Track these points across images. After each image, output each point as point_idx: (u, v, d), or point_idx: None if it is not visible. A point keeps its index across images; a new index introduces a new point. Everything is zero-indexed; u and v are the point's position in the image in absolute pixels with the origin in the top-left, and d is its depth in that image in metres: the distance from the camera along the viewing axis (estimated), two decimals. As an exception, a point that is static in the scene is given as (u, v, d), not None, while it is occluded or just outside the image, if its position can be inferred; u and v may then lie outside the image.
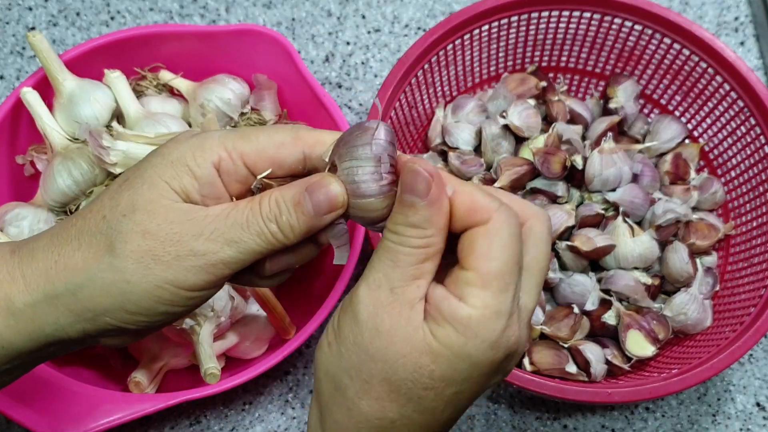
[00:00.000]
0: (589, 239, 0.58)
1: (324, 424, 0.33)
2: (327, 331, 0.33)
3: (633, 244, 0.58)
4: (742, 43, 0.76)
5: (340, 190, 0.32)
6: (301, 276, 0.62)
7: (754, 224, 0.61)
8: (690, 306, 0.58)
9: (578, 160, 0.60)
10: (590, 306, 0.58)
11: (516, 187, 0.61)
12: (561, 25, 0.65)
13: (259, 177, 0.34)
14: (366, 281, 0.31)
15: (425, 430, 0.31)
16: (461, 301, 0.30)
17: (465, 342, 0.30)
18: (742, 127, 0.61)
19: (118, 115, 0.60)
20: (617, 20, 0.63)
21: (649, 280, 0.59)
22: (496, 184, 0.60)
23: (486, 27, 0.63)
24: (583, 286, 0.58)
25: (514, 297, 0.30)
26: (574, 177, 0.61)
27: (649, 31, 0.63)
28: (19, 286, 0.33)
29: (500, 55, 0.67)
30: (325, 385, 0.32)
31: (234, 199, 0.34)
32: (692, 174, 0.65)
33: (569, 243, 0.58)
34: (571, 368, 0.57)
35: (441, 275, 0.31)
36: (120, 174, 0.34)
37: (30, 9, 0.75)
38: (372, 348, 0.30)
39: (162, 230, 0.32)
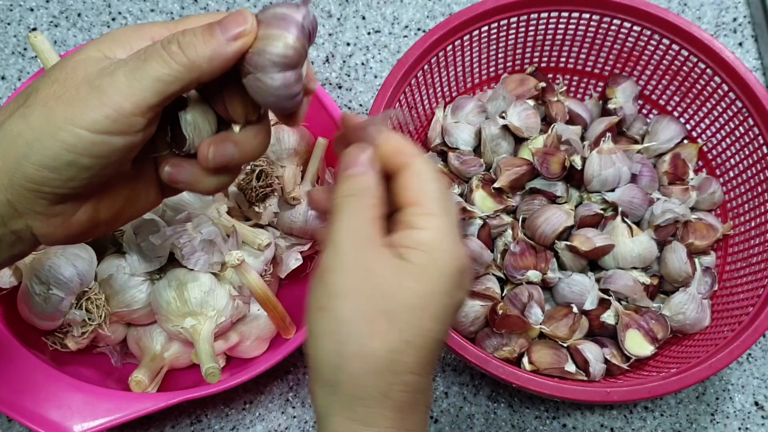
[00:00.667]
0: (588, 239, 0.58)
1: (339, 387, 0.33)
2: (314, 299, 0.33)
3: (632, 244, 0.59)
4: (740, 44, 0.77)
5: (253, 20, 0.33)
6: (301, 276, 0.62)
7: (753, 224, 0.61)
8: (688, 306, 0.58)
9: (577, 161, 0.60)
10: (589, 306, 0.58)
11: (515, 187, 0.61)
12: (560, 26, 0.65)
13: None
14: (333, 240, 0.33)
15: (423, 353, 0.33)
16: (416, 229, 0.34)
17: (433, 258, 0.33)
18: (741, 128, 0.62)
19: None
20: (616, 21, 0.63)
21: (647, 280, 0.59)
22: (495, 184, 0.60)
23: (485, 28, 0.63)
24: (582, 286, 0.59)
25: (452, 219, 0.35)
26: (573, 177, 0.61)
27: (648, 32, 0.63)
28: None
29: (500, 55, 0.67)
30: (327, 349, 0.33)
31: None
32: (691, 174, 0.65)
33: (568, 243, 0.58)
34: (570, 367, 0.57)
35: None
36: None
37: (31, 10, 0.75)
38: (366, 288, 0.32)
39: (70, 76, 0.32)
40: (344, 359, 0.32)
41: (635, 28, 0.63)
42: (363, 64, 0.74)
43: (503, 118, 0.62)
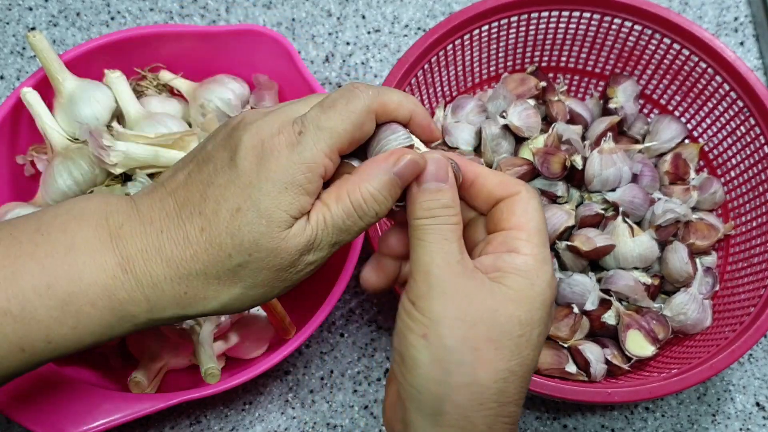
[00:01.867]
0: (589, 239, 0.58)
1: (442, 418, 0.32)
2: (411, 326, 0.33)
3: (633, 244, 0.58)
4: (741, 43, 0.76)
5: (418, 154, 0.35)
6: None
7: (754, 224, 0.61)
8: (690, 306, 0.58)
9: (578, 160, 0.60)
10: (590, 306, 0.58)
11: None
12: (561, 25, 0.65)
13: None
14: (430, 264, 0.33)
15: (523, 384, 0.34)
16: (515, 252, 0.34)
17: (531, 284, 0.33)
18: (742, 127, 0.61)
19: (118, 115, 0.60)
20: (617, 20, 0.63)
21: (648, 280, 0.59)
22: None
23: (486, 27, 0.63)
24: (583, 286, 0.58)
25: (548, 250, 0.35)
26: (574, 177, 0.61)
27: (649, 31, 0.63)
28: (143, 306, 0.36)
29: (500, 55, 0.67)
30: (431, 380, 0.32)
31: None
32: (692, 174, 0.65)
33: (569, 243, 0.58)
34: (571, 368, 0.57)
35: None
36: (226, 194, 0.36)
37: (30, 9, 0.75)
38: (470, 315, 0.32)
39: (277, 263, 0.35)
40: (451, 389, 0.32)
41: (636, 27, 0.63)
42: (363, 63, 0.74)
43: (504, 117, 0.62)
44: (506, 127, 0.62)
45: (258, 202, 0.34)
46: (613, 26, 0.64)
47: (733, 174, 0.64)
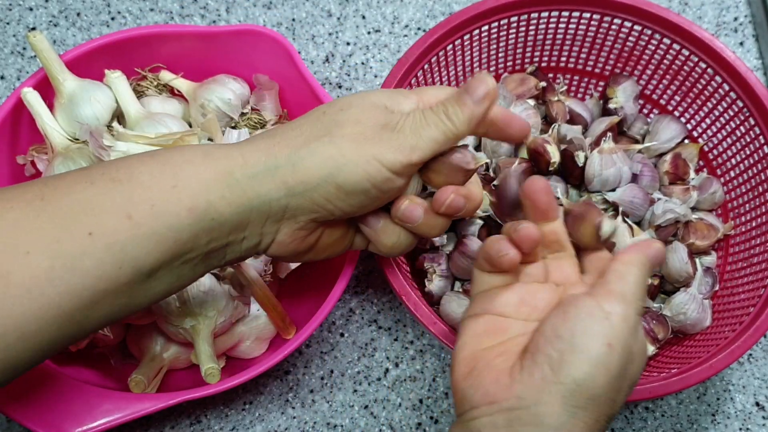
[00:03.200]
0: None
1: (583, 412, 0.36)
2: (599, 331, 0.36)
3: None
4: (741, 44, 0.76)
5: (491, 79, 0.41)
6: (301, 275, 0.62)
7: (754, 224, 0.61)
8: (689, 306, 0.58)
9: (581, 156, 0.60)
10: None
11: (516, 187, 0.61)
12: (561, 25, 0.65)
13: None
14: (629, 293, 0.38)
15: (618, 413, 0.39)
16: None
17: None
18: (742, 127, 0.61)
19: (118, 116, 0.60)
20: (617, 20, 0.63)
21: (648, 280, 0.59)
22: (495, 182, 0.60)
23: (486, 27, 0.63)
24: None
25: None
26: (573, 176, 0.61)
27: (649, 32, 0.63)
28: (238, 161, 0.39)
29: (500, 55, 0.67)
30: (599, 380, 0.36)
31: None
32: (691, 174, 0.65)
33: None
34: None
35: None
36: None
37: (31, 9, 0.75)
38: (636, 354, 0.39)
39: (370, 120, 0.40)
40: (604, 397, 0.36)
41: (636, 27, 0.63)
42: (363, 63, 0.74)
43: (503, 117, 0.62)
44: (506, 127, 0.62)
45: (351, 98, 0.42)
46: (613, 26, 0.64)
47: (732, 174, 0.64)
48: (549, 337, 0.37)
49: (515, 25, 0.64)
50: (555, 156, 0.60)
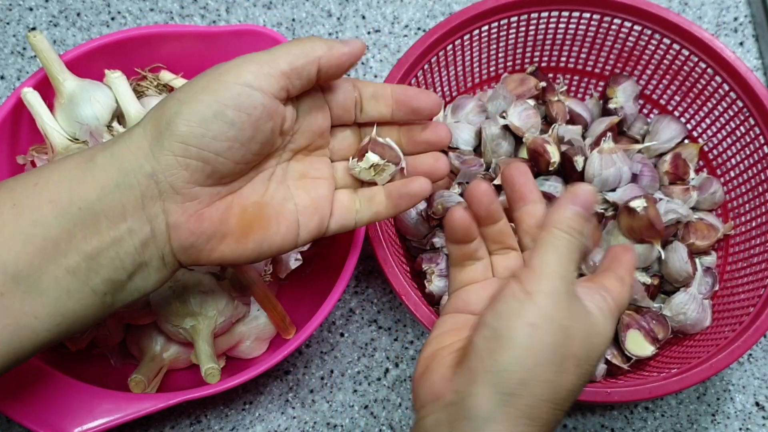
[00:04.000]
0: (594, 264, 0.57)
1: (515, 399, 0.35)
2: (521, 312, 0.35)
3: (630, 244, 0.58)
4: (741, 44, 0.76)
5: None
6: (301, 276, 0.62)
7: (754, 224, 0.61)
8: (689, 306, 0.58)
9: (579, 161, 0.60)
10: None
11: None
12: (561, 25, 0.65)
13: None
14: (555, 268, 0.36)
15: (574, 396, 0.37)
16: (608, 295, 0.38)
17: (607, 329, 0.38)
18: (742, 128, 0.61)
19: (118, 116, 0.60)
20: (617, 20, 0.63)
21: (648, 280, 0.59)
22: (495, 182, 0.60)
23: (486, 27, 0.63)
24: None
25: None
26: (573, 178, 0.61)
27: (649, 32, 0.63)
28: (97, 148, 0.38)
29: (500, 55, 0.67)
30: (523, 362, 0.34)
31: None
32: (691, 174, 0.65)
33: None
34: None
35: None
36: None
37: (31, 9, 0.75)
38: (573, 330, 0.35)
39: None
40: (535, 381, 0.34)
41: (636, 27, 0.63)
42: (363, 63, 0.74)
43: (504, 117, 0.62)
44: (506, 128, 0.62)
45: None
46: (613, 26, 0.64)
47: (732, 174, 0.64)
48: (479, 327, 0.36)
49: (515, 25, 0.64)
50: (555, 156, 0.60)
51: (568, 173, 0.61)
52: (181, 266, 0.40)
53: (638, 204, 0.56)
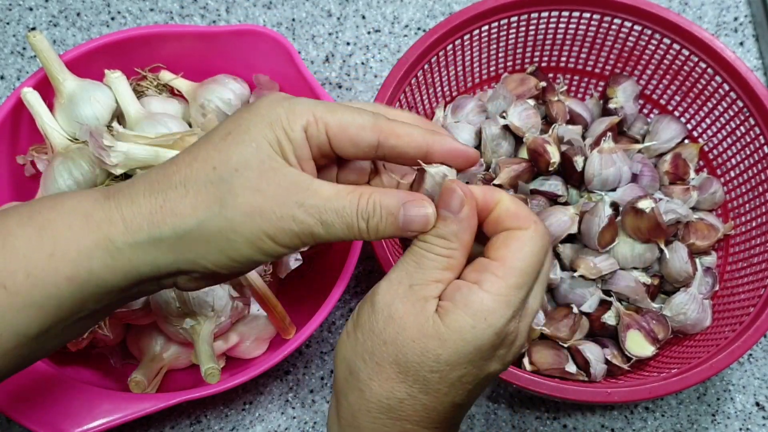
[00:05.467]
0: (595, 266, 0.57)
1: (339, 408, 0.35)
2: (348, 322, 0.36)
3: (633, 244, 0.58)
4: (741, 44, 0.76)
5: (433, 214, 0.35)
6: (301, 276, 0.62)
7: (754, 224, 0.61)
8: (689, 306, 0.58)
9: (579, 161, 0.60)
10: (588, 309, 0.58)
11: (515, 185, 0.61)
12: (561, 25, 0.65)
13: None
14: (388, 277, 0.35)
15: (430, 410, 0.34)
16: (477, 285, 0.33)
17: (473, 325, 0.33)
18: (742, 128, 0.61)
19: (118, 116, 0.60)
20: (617, 20, 0.63)
21: (648, 280, 0.59)
22: (495, 182, 0.60)
23: (486, 27, 0.63)
24: (584, 287, 0.58)
25: (525, 297, 0.34)
26: (573, 176, 0.61)
27: (649, 32, 0.63)
28: (119, 228, 0.35)
29: (500, 55, 0.67)
30: (341, 371, 0.35)
31: (315, 162, 0.37)
32: (692, 174, 0.65)
33: (574, 271, 0.57)
34: (571, 368, 0.57)
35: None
36: (217, 126, 0.37)
37: (30, 9, 0.75)
38: (385, 333, 0.33)
39: (270, 190, 0.34)
40: (348, 388, 0.34)
41: (636, 27, 0.63)
42: (363, 63, 0.74)
43: (504, 117, 0.62)
44: (506, 127, 0.62)
45: (247, 130, 0.35)
46: (613, 26, 0.64)
47: (732, 174, 0.64)
48: None
49: (515, 25, 0.64)
50: (555, 156, 0.60)
51: (568, 173, 0.61)
52: None
53: (646, 204, 0.56)
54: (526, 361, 0.57)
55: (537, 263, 0.34)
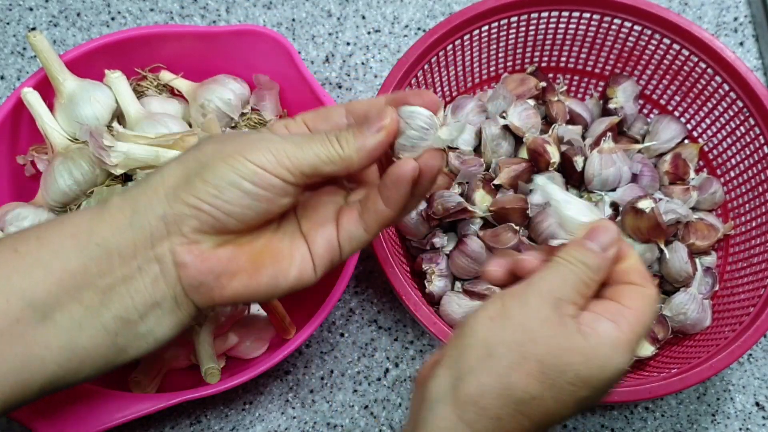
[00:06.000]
0: None
1: (461, 383, 0.36)
2: (487, 307, 0.37)
3: (633, 244, 0.58)
4: (741, 44, 0.76)
5: (394, 115, 0.39)
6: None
7: (754, 224, 0.61)
8: (689, 306, 0.58)
9: (579, 161, 0.60)
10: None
11: (515, 185, 0.61)
12: (561, 25, 0.65)
13: None
14: (538, 284, 0.37)
15: (549, 415, 0.36)
16: (613, 323, 0.36)
17: (611, 357, 0.36)
18: (742, 128, 0.61)
19: (118, 116, 0.60)
20: (617, 21, 0.63)
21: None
22: (495, 181, 0.60)
23: (486, 27, 0.63)
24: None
25: (638, 344, 0.37)
26: (574, 178, 0.61)
27: (649, 32, 0.63)
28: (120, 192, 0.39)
29: (500, 55, 0.67)
30: (476, 350, 0.36)
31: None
32: (692, 174, 0.65)
33: None
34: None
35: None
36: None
37: (31, 9, 0.75)
38: (538, 333, 0.35)
39: (238, 137, 0.39)
40: (483, 368, 0.35)
41: (636, 27, 0.63)
42: (363, 63, 0.74)
43: (504, 117, 0.62)
44: (506, 128, 0.62)
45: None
46: (613, 26, 0.64)
47: (732, 174, 0.64)
48: None
49: (515, 25, 0.64)
50: (555, 156, 0.60)
51: (568, 173, 0.61)
52: (198, 309, 0.40)
53: (646, 204, 0.56)
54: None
55: (651, 323, 0.38)
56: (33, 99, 0.57)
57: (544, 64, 0.69)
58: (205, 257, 0.38)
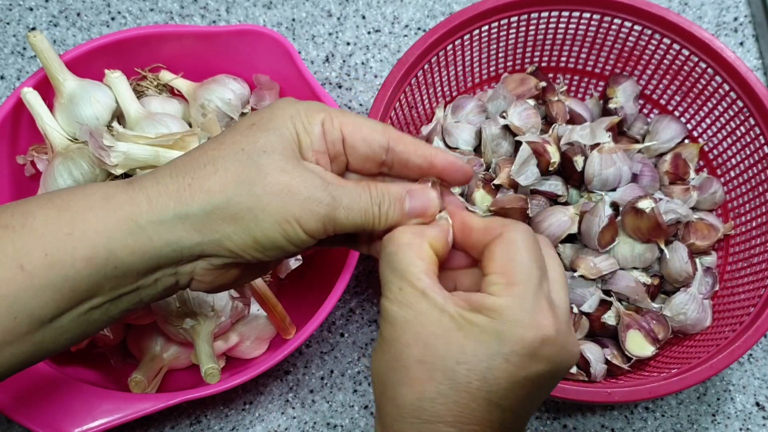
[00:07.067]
0: (595, 266, 0.57)
1: (379, 421, 0.35)
2: (377, 341, 0.36)
3: (633, 243, 0.58)
4: (741, 44, 0.76)
5: (435, 199, 0.38)
6: (301, 276, 0.62)
7: (754, 224, 0.61)
8: (689, 306, 0.58)
9: (579, 161, 0.60)
10: (588, 309, 0.58)
11: (515, 185, 0.61)
12: (561, 25, 0.65)
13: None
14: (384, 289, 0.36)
15: (462, 407, 0.33)
16: (491, 295, 0.34)
17: (491, 321, 0.33)
18: (742, 127, 0.61)
19: (118, 116, 0.60)
20: (617, 20, 0.63)
21: (648, 280, 0.59)
22: (495, 181, 0.60)
23: (486, 27, 0.63)
24: (584, 287, 0.58)
25: (538, 288, 0.34)
26: (574, 178, 0.61)
27: (649, 32, 0.63)
28: (143, 207, 0.35)
29: (500, 55, 0.67)
30: (376, 387, 0.36)
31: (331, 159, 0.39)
32: (692, 174, 0.65)
33: (575, 271, 0.58)
34: (571, 368, 0.57)
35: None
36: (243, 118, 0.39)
37: (31, 9, 0.75)
38: (405, 336, 0.34)
39: (297, 172, 0.36)
40: (383, 399, 0.35)
41: (636, 27, 0.63)
42: (363, 63, 0.74)
43: (504, 117, 0.62)
44: (506, 128, 0.62)
45: (270, 121, 0.37)
46: (613, 26, 0.64)
47: (732, 174, 0.64)
48: None
49: (515, 25, 0.64)
50: (555, 156, 0.60)
51: (568, 173, 0.61)
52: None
53: (646, 204, 0.56)
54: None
55: (532, 255, 0.35)
56: (33, 99, 0.57)
57: (544, 64, 0.69)
58: (220, 276, 0.39)
